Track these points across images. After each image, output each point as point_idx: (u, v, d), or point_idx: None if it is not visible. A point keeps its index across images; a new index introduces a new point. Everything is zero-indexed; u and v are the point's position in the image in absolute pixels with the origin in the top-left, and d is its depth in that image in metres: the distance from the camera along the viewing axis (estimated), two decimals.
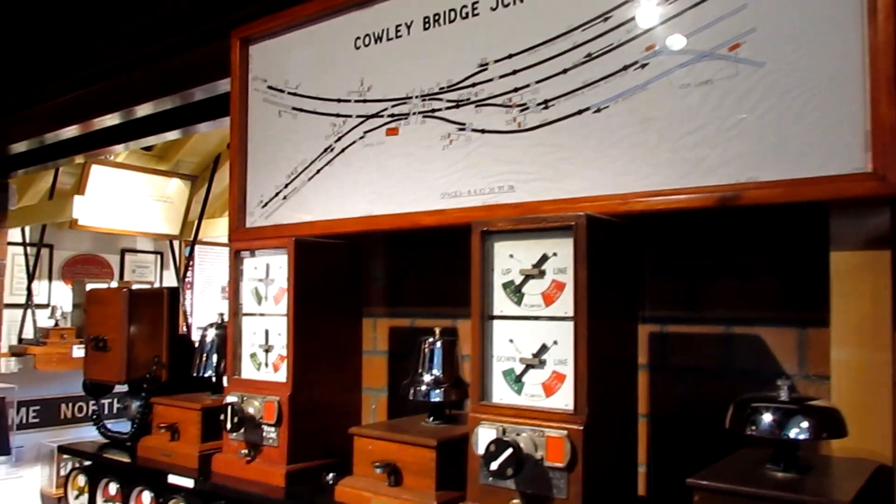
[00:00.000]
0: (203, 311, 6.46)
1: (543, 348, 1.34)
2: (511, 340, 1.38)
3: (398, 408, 2.02)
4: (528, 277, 1.37)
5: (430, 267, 2.06)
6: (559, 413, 1.30)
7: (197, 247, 6.09)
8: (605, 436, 1.31)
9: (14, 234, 4.86)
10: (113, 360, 2.00)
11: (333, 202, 1.92)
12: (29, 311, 5.14)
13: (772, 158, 1.31)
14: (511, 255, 1.39)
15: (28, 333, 5.14)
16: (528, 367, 1.36)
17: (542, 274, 1.35)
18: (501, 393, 1.39)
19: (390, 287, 2.12)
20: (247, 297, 1.82)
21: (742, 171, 1.34)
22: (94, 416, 2.13)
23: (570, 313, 1.30)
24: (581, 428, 1.27)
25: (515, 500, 1.31)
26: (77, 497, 2.09)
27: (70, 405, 5.48)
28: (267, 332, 1.76)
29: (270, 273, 1.77)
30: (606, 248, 1.34)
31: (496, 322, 1.41)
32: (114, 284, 5.43)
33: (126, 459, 1.97)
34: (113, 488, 1.99)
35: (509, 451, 1.27)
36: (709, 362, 1.54)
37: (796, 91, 1.29)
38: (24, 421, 5.21)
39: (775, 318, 1.47)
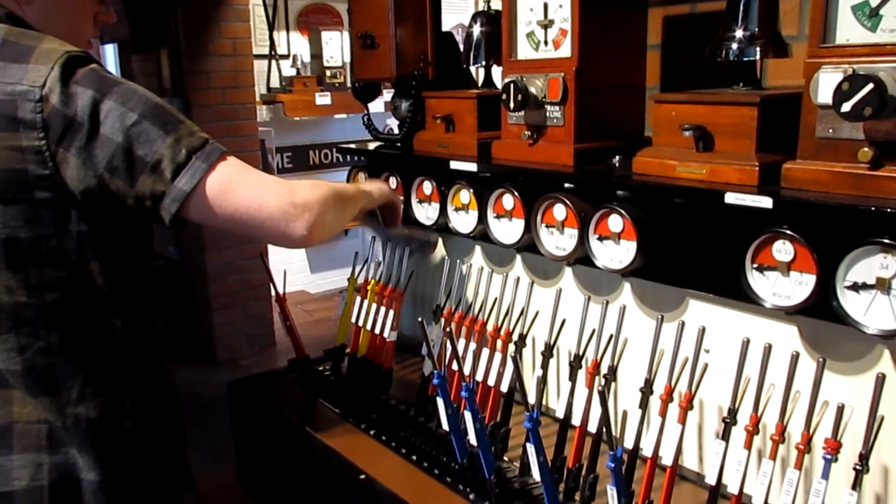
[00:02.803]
0: None
1: None
2: None
3: None
4: None
5: None
6: None
7: None
8: None
9: None
10: (381, 56, 1.98)
11: None
12: (273, 63, 5.39)
13: None
14: None
15: (274, 83, 5.43)
16: None
17: None
18: (848, 33, 1.17)
19: None
20: None
21: None
22: (366, 119, 2.17)
23: None
24: None
25: (865, 149, 1.13)
26: None
27: (317, 152, 5.89)
28: (546, 5, 1.62)
29: None
30: None
31: None
32: (344, 33, 5.51)
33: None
34: (393, 182, 2.06)
35: (870, 86, 1.08)
36: None
37: None
38: (280, 166, 5.69)
39: None
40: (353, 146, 2.24)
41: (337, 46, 5.34)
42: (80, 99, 1.14)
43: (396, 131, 2.14)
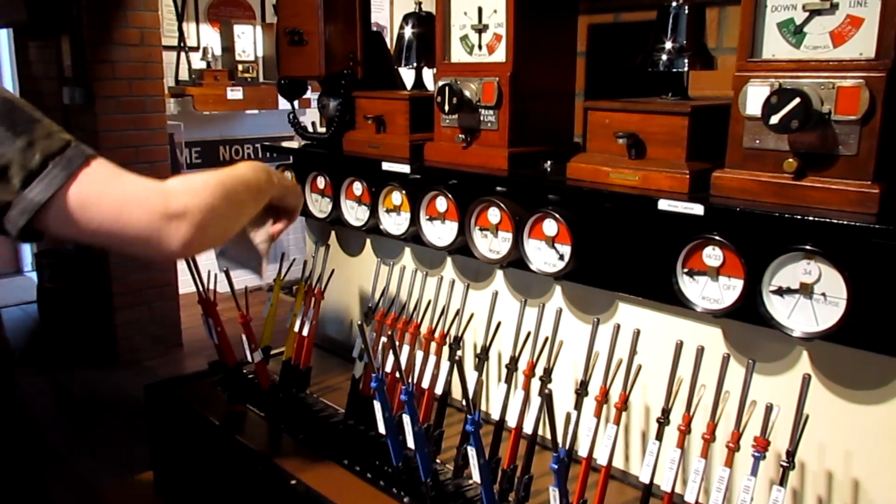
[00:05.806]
0: None
1: None
2: None
3: None
4: None
5: None
6: (853, 62, 1.14)
7: None
8: None
9: None
10: (310, 53, 1.94)
11: None
12: (182, 55, 5.20)
13: None
14: None
15: (183, 76, 5.24)
16: (813, 13, 1.18)
17: None
18: (774, 48, 1.23)
19: None
20: None
21: None
22: (291, 117, 2.12)
23: None
24: (883, 75, 1.11)
25: (790, 160, 1.20)
26: None
27: (228, 147, 5.72)
28: (480, 9, 1.63)
29: None
30: None
31: None
32: (257, 27, 5.38)
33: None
34: (321, 182, 2.02)
35: (796, 100, 1.14)
36: None
37: None
38: (189, 161, 5.50)
39: None
40: (283, 144, 2.19)
41: (249, 40, 5.21)
42: None
43: (311, 129, 2.12)
